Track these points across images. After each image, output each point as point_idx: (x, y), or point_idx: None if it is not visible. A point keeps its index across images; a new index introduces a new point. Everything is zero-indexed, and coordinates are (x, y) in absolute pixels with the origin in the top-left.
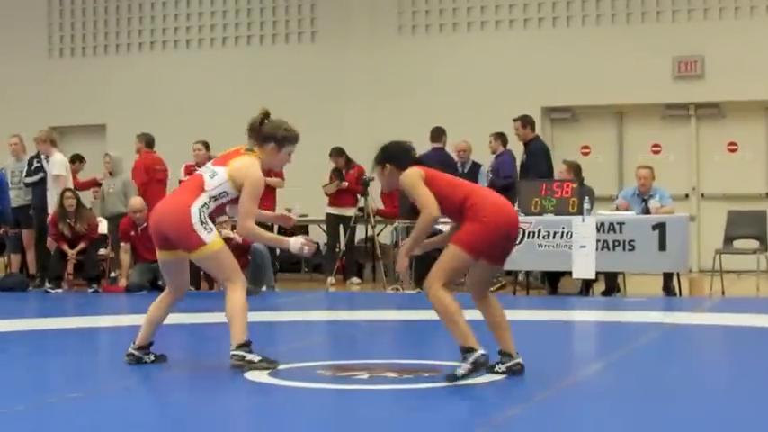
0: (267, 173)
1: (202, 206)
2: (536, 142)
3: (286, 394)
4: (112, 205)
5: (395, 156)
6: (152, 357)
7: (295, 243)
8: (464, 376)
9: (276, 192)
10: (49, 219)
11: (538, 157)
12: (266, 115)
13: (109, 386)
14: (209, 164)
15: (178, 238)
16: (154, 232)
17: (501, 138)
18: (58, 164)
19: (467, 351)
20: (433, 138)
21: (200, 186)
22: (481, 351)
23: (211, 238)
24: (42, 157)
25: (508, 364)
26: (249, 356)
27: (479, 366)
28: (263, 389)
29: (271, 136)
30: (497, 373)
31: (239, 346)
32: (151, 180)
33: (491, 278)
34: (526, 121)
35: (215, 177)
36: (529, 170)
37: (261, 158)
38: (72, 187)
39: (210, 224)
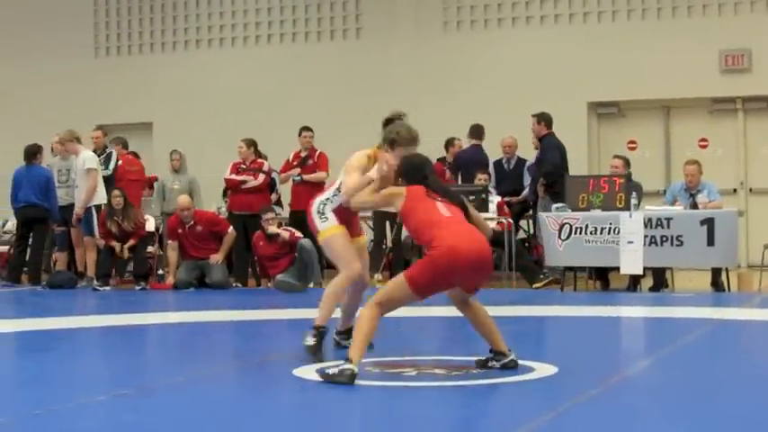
0: (311, 168)
1: (325, 200)
2: (549, 138)
3: (334, 391)
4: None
5: (408, 174)
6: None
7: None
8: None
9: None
10: (98, 217)
11: (551, 152)
12: (391, 118)
13: (157, 383)
14: None
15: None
16: None
17: (544, 119)
18: (89, 158)
19: (348, 361)
20: (471, 134)
21: (332, 183)
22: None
23: (325, 226)
24: (99, 153)
25: (503, 362)
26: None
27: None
28: (311, 386)
29: (385, 138)
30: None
31: (316, 327)
32: (126, 180)
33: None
34: (542, 118)
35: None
36: (544, 165)
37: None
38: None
39: (328, 215)
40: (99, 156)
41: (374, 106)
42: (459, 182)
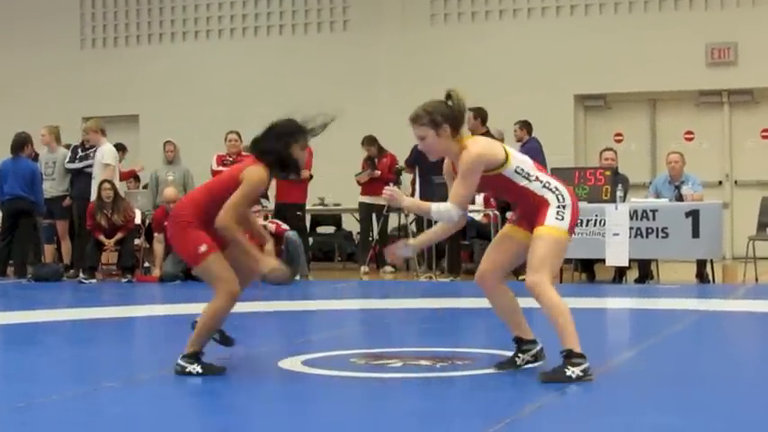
0: None
1: None
2: (533, 141)
3: (320, 382)
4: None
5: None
6: None
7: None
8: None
9: (308, 182)
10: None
11: (536, 154)
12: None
13: (143, 376)
14: None
15: None
16: None
17: (526, 126)
18: (108, 152)
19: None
20: (530, 130)
21: None
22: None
23: None
24: (87, 146)
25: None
26: None
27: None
28: (297, 377)
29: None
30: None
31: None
32: None
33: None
34: (524, 125)
35: None
36: None
37: None
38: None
39: None
40: (88, 149)
41: (362, 98)
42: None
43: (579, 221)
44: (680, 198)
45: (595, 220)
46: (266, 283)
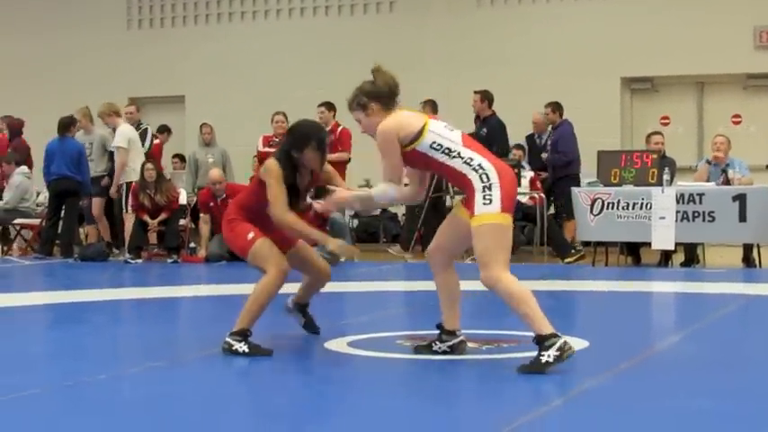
0: (334, 147)
1: None
2: (495, 118)
3: (365, 364)
4: None
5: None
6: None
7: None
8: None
9: (347, 166)
10: (131, 189)
11: (499, 132)
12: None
13: (189, 356)
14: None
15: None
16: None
17: (558, 108)
18: (119, 135)
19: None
20: (561, 113)
21: None
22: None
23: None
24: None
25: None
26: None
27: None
28: (343, 359)
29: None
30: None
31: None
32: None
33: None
34: (484, 96)
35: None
36: (491, 145)
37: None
38: (143, 158)
39: None
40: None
41: (407, 81)
42: None
43: (626, 204)
44: (727, 182)
45: (642, 203)
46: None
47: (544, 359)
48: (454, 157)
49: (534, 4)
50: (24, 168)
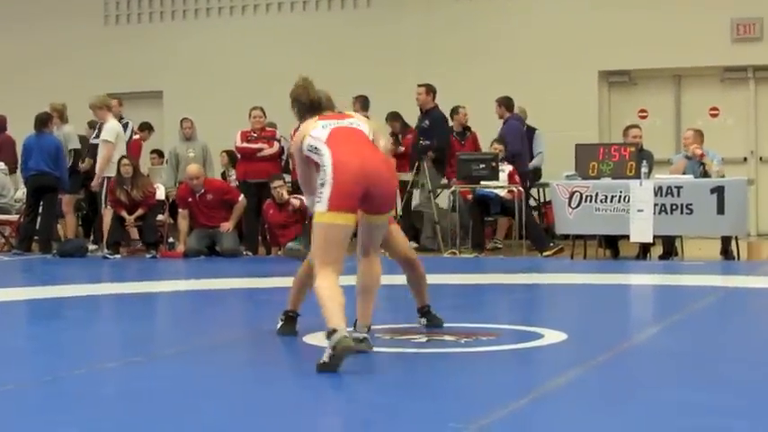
0: None
1: None
2: (437, 111)
3: (345, 358)
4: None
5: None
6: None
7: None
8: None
9: None
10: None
11: (440, 125)
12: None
13: (168, 351)
14: (338, 120)
15: (390, 199)
16: (363, 190)
17: (506, 103)
18: (109, 130)
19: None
20: (510, 107)
21: (370, 139)
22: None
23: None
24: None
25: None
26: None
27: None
28: (322, 352)
29: None
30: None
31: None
32: None
33: None
34: (429, 89)
35: (364, 129)
36: (433, 137)
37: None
38: (126, 154)
39: None
40: (101, 126)
41: (385, 75)
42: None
43: (604, 197)
44: (705, 175)
45: (620, 196)
46: (288, 257)
47: (322, 359)
48: (321, 155)
49: None
50: (0, 164)
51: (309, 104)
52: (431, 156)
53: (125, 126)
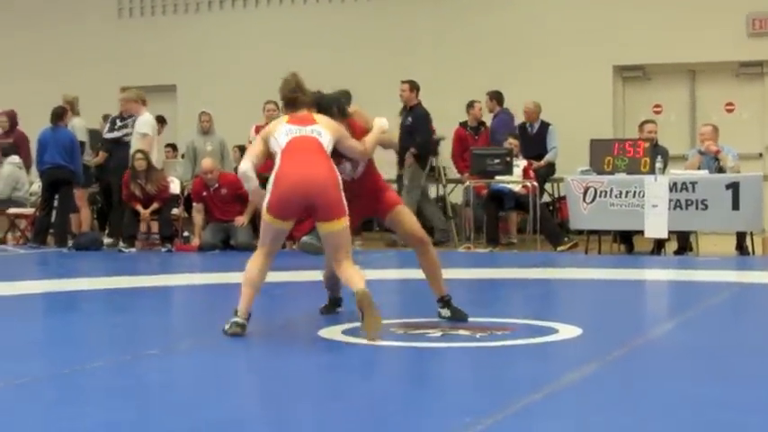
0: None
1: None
2: (421, 107)
3: (359, 351)
4: None
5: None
6: None
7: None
8: None
9: None
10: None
11: (423, 122)
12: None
13: (183, 344)
14: (300, 126)
15: (329, 207)
16: (302, 201)
17: (496, 97)
18: (146, 123)
19: None
20: (500, 101)
21: (323, 149)
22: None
23: (345, 207)
24: (126, 116)
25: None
26: None
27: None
28: (337, 346)
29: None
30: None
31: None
32: None
33: None
34: (413, 86)
35: (322, 136)
36: (415, 133)
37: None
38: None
39: None
40: (125, 119)
41: (397, 67)
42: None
43: (619, 193)
44: (720, 170)
45: (635, 191)
46: (302, 251)
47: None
48: (275, 160)
49: None
50: (15, 158)
51: (285, 101)
52: (413, 152)
53: (135, 120)
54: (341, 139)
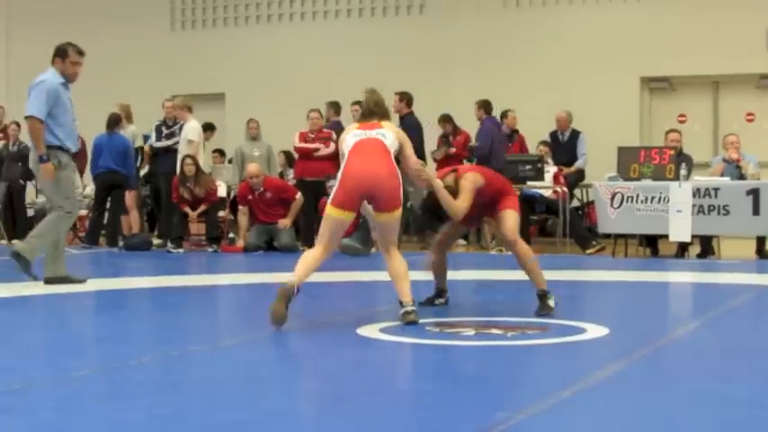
0: None
1: None
2: (411, 117)
3: (396, 349)
4: None
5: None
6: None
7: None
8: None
9: None
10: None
11: (413, 130)
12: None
13: (228, 340)
14: (367, 131)
15: (390, 198)
16: (365, 192)
17: (484, 105)
18: (192, 130)
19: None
20: (488, 110)
21: (386, 149)
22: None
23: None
24: (170, 123)
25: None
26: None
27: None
28: (375, 344)
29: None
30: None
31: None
32: None
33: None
34: (404, 97)
35: (387, 138)
36: None
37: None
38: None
39: None
40: (172, 126)
41: (437, 79)
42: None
43: (645, 198)
44: (741, 177)
45: (660, 197)
46: (343, 253)
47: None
48: (342, 160)
49: (557, 6)
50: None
51: (363, 112)
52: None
53: (182, 127)
54: (403, 145)
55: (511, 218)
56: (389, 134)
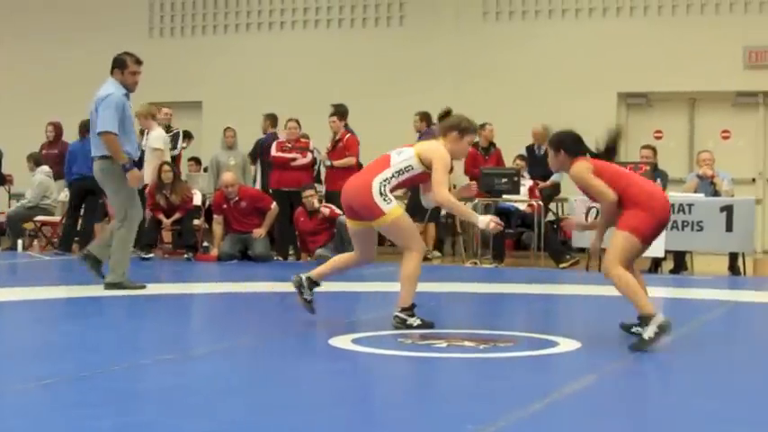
0: (342, 152)
1: (383, 180)
2: (427, 133)
3: (368, 360)
4: None
5: (566, 144)
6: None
7: (483, 219)
8: (651, 340)
9: (355, 170)
10: (146, 190)
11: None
12: (448, 112)
13: (200, 350)
14: (401, 148)
15: (362, 209)
16: (345, 205)
17: (426, 117)
18: (156, 138)
19: (648, 318)
20: (429, 122)
21: (386, 163)
22: (662, 315)
23: (390, 207)
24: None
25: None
26: (410, 320)
27: (664, 330)
28: (346, 355)
29: (455, 126)
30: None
31: (403, 309)
32: None
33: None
34: (423, 116)
35: (401, 155)
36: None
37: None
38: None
39: (390, 196)
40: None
41: (416, 91)
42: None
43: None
44: (715, 194)
45: None
46: (317, 261)
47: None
48: None
49: (536, 20)
50: (45, 168)
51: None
52: None
53: (176, 135)
54: (434, 165)
55: (615, 246)
56: (408, 151)
